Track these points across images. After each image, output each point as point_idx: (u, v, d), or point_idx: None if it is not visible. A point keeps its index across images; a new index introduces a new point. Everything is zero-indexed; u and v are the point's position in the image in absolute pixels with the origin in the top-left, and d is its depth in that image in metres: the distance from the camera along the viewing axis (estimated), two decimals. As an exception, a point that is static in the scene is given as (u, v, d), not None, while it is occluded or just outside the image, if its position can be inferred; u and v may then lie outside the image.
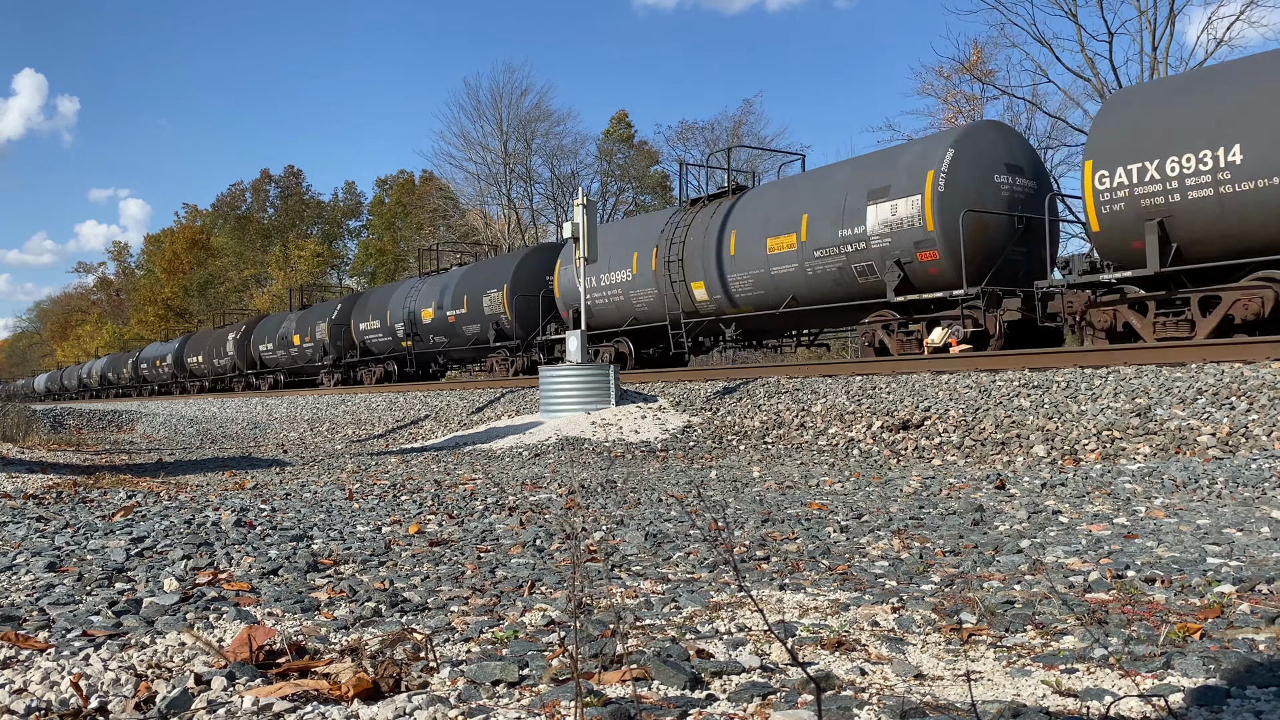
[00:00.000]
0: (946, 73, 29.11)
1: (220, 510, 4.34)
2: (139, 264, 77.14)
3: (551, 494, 5.25)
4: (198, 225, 68.65)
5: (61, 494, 5.22)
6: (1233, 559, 2.85)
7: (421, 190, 52.57)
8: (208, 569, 2.95)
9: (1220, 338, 8.66)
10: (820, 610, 2.42)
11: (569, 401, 11.55)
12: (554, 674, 1.83)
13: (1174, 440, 6.46)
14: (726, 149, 14.13)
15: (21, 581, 2.77)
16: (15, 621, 2.26)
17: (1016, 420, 7.59)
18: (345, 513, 4.43)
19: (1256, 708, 1.57)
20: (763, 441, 9.23)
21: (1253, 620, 2.13)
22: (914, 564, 2.98)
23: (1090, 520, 3.78)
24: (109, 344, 67.15)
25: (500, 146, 41.04)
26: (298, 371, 28.54)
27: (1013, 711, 1.58)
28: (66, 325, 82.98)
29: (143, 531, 3.69)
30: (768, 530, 3.75)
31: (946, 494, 4.95)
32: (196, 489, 5.74)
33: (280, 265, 57.25)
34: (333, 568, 3.05)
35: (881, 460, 7.78)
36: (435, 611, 2.44)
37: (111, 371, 46.27)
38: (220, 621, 2.32)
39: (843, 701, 1.64)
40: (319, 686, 1.75)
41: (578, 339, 12.35)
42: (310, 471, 7.63)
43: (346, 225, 65.74)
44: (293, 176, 65.79)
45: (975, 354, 10.10)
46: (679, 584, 2.78)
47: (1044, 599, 2.43)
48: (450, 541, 3.57)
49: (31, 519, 4.13)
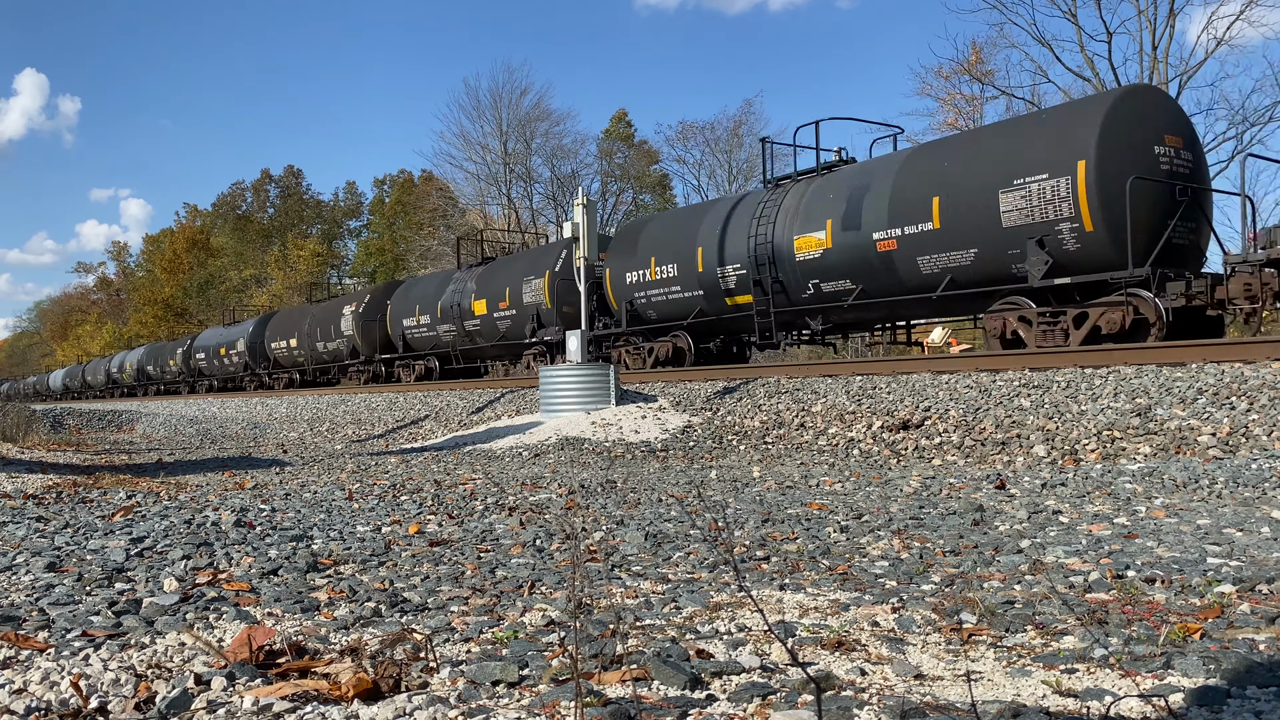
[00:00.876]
0: (946, 73, 29.12)
1: (220, 510, 4.34)
2: (138, 264, 77.23)
3: (551, 494, 5.25)
4: (197, 225, 68.68)
5: (61, 494, 5.22)
6: (1233, 559, 2.85)
7: (421, 190, 52.59)
8: (207, 569, 2.95)
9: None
10: (820, 610, 2.42)
11: (569, 401, 11.55)
12: (554, 674, 1.83)
13: (1174, 440, 6.46)
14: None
15: (21, 581, 2.77)
16: (15, 621, 2.26)
17: (1017, 420, 7.59)
18: (345, 513, 4.43)
19: (1256, 708, 1.57)
20: (763, 441, 9.23)
21: (1253, 620, 2.13)
22: (914, 564, 2.98)
23: (1090, 520, 3.78)
24: (109, 344, 67.12)
25: (500, 146, 41.08)
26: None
27: (1013, 711, 1.58)
28: (66, 325, 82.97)
29: (142, 531, 3.69)
30: (768, 530, 3.75)
31: (946, 494, 4.94)
32: (196, 489, 5.74)
33: (280, 265, 57.26)
34: (333, 568, 3.05)
35: (881, 460, 7.78)
36: (435, 611, 2.44)
37: (153, 364, 39.83)
38: (220, 621, 2.32)
39: (843, 702, 1.64)
40: (319, 687, 1.75)
41: (578, 339, 12.34)
42: (310, 471, 7.63)
43: (346, 225, 65.80)
44: (293, 176, 65.84)
45: (975, 354, 10.09)
46: (679, 584, 2.78)
47: (1044, 599, 2.43)
48: (450, 541, 3.57)
49: (31, 519, 4.13)
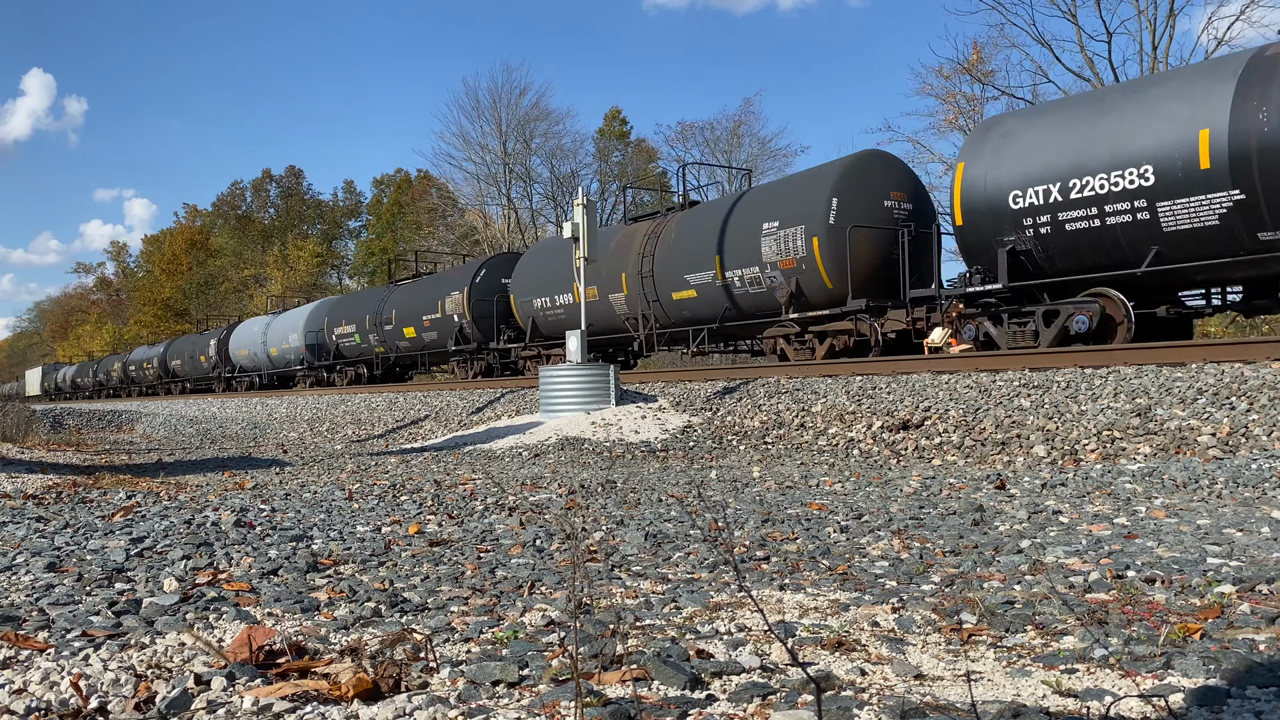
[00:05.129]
0: (946, 73, 29.08)
1: (220, 510, 4.34)
2: (138, 264, 77.21)
3: (551, 494, 5.25)
4: (197, 225, 68.65)
5: (61, 494, 5.22)
6: (1233, 559, 2.85)
7: (418, 189, 52.56)
8: (207, 569, 2.95)
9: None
10: (820, 610, 2.42)
11: (569, 401, 11.55)
12: (554, 674, 1.83)
13: (1174, 440, 6.46)
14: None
15: (21, 581, 2.77)
16: (15, 621, 2.26)
17: (1017, 420, 7.59)
18: (345, 513, 4.43)
19: (1256, 708, 1.57)
20: (763, 441, 9.23)
21: (1253, 620, 2.13)
22: (914, 564, 2.98)
23: (1090, 520, 3.78)
24: (109, 344, 67.11)
25: (499, 146, 41.06)
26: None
27: (1013, 712, 1.58)
28: (66, 325, 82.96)
29: (142, 532, 3.69)
30: (768, 530, 3.75)
31: (946, 494, 4.94)
32: (196, 489, 5.74)
33: (280, 265, 57.24)
34: (332, 568, 3.05)
35: (881, 460, 7.78)
36: (435, 612, 2.44)
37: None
38: (220, 621, 2.32)
39: (843, 702, 1.64)
40: (319, 687, 1.75)
41: (577, 339, 12.34)
42: (310, 471, 7.63)
43: (346, 225, 65.77)
44: (293, 176, 65.82)
45: (975, 354, 10.10)
46: (679, 584, 2.78)
47: (1044, 599, 2.43)
48: (450, 542, 3.57)
49: (31, 519, 4.13)
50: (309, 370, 27.60)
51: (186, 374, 36.41)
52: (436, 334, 21.40)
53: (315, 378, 27.36)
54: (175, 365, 37.31)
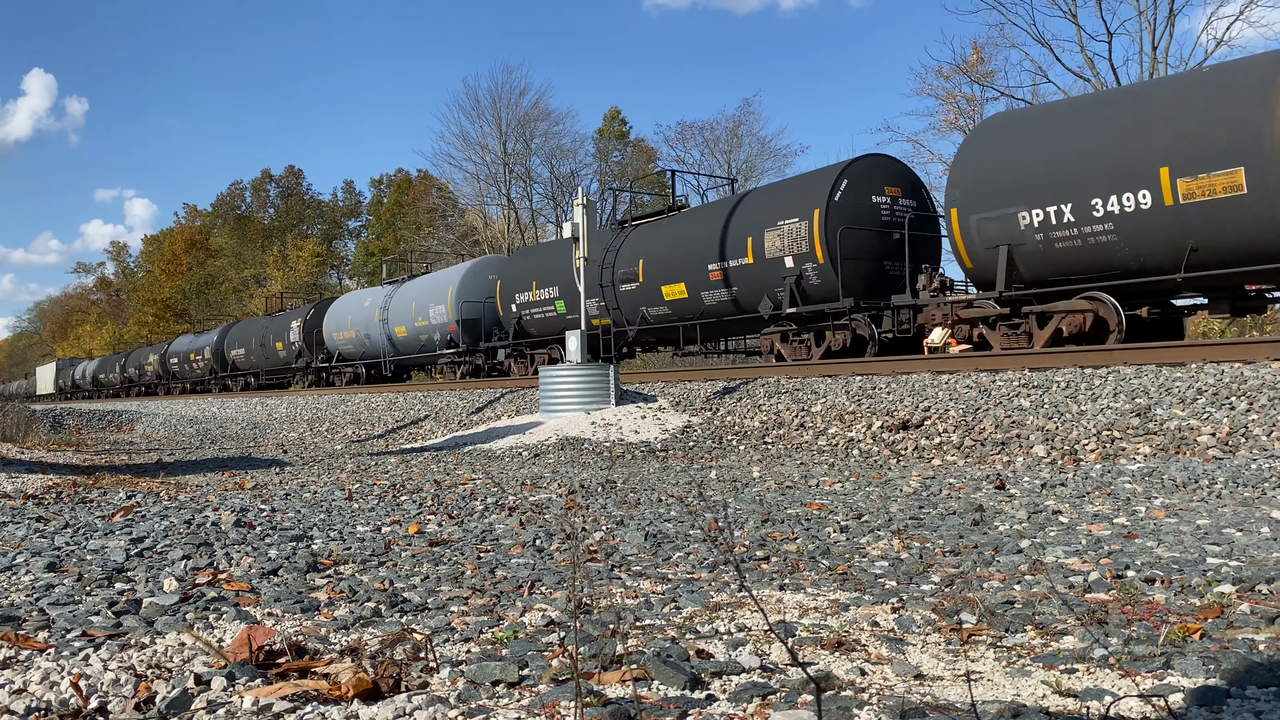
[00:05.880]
0: (947, 73, 29.09)
1: (220, 510, 4.34)
2: (138, 264, 77.20)
3: (551, 494, 5.25)
4: (197, 225, 68.64)
5: (61, 494, 5.22)
6: (1233, 559, 2.85)
7: (418, 189, 52.55)
8: (207, 569, 2.95)
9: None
10: (820, 610, 2.42)
11: (569, 401, 11.55)
12: (554, 674, 1.83)
13: (1174, 440, 6.46)
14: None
15: (21, 581, 2.77)
16: (15, 621, 2.26)
17: (1016, 420, 7.59)
18: (345, 513, 4.43)
19: (1256, 708, 1.57)
20: (763, 441, 9.23)
21: (1253, 620, 2.13)
22: (914, 564, 2.98)
23: (1090, 520, 3.78)
24: (109, 344, 67.10)
25: (499, 146, 41.05)
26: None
27: (1013, 711, 1.58)
28: (66, 325, 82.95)
29: (142, 532, 3.69)
30: (768, 530, 3.75)
31: (946, 494, 4.94)
32: (196, 489, 5.74)
33: (279, 265, 57.22)
34: (332, 568, 3.05)
35: (881, 460, 7.78)
36: (435, 612, 2.44)
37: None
38: (220, 621, 2.32)
39: (843, 701, 1.64)
40: (319, 687, 1.75)
41: (577, 339, 12.34)
42: (310, 472, 7.63)
43: (346, 225, 65.77)
44: (293, 176, 65.80)
45: (975, 354, 10.10)
46: (679, 584, 2.78)
47: (1044, 599, 2.43)
48: (450, 541, 3.57)
49: (31, 519, 4.13)
50: (463, 358, 19.97)
51: (254, 366, 29.67)
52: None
53: (497, 366, 19.42)
54: (236, 356, 30.25)
